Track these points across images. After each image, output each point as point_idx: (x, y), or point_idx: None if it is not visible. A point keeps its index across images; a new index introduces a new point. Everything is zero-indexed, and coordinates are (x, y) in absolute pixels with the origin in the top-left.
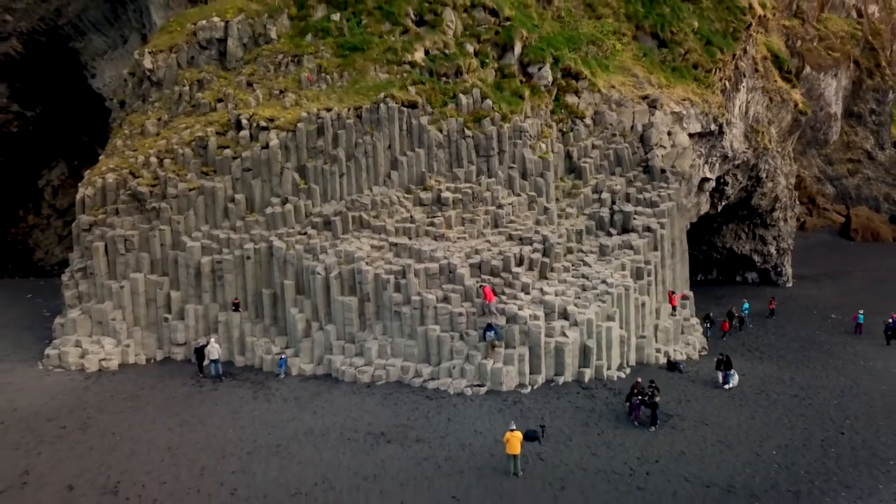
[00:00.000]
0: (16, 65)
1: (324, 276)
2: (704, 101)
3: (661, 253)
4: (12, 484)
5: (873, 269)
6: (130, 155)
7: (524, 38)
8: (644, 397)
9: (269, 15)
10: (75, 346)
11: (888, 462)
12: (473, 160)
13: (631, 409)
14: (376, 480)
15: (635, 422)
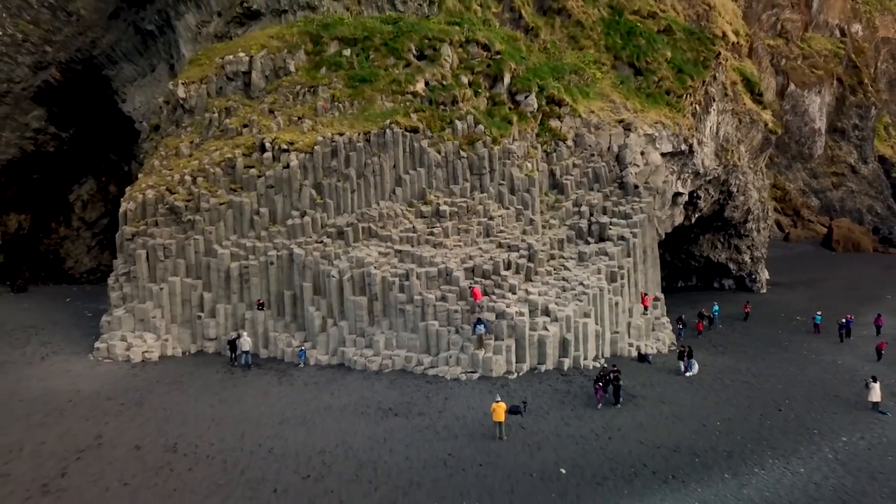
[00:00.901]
0: (54, 91)
1: (337, 279)
2: (675, 124)
3: (633, 259)
4: (91, 444)
5: (847, 277)
6: (167, 174)
7: (512, 69)
8: (605, 382)
9: (288, 51)
10: (121, 340)
11: (812, 432)
12: (468, 178)
13: (596, 392)
14: (386, 443)
15: (599, 404)
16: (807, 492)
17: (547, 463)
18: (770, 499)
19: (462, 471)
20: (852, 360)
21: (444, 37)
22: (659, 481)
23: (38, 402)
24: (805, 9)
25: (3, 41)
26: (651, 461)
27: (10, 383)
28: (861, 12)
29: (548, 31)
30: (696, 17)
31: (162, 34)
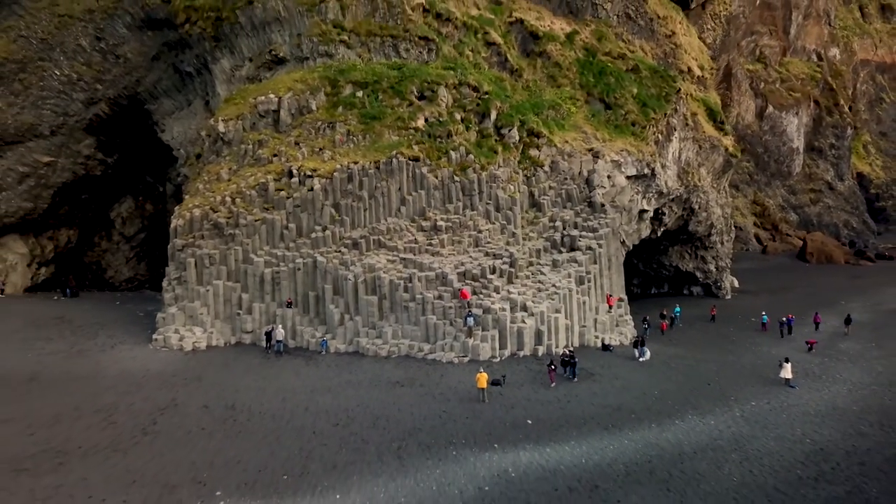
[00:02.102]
0: (103, 123)
1: (353, 282)
2: (639, 151)
3: (598, 266)
4: (169, 405)
5: (812, 286)
6: (210, 195)
7: (498, 107)
8: (563, 363)
9: (310, 92)
10: (175, 332)
11: (730, 399)
12: (460, 198)
13: (551, 370)
14: (394, 404)
15: (552, 383)
16: (710, 436)
17: (518, 417)
18: (682, 440)
19: (453, 421)
20: (788, 351)
21: (441, 80)
22: (601, 429)
23: (118, 377)
24: (783, 35)
25: (60, 80)
26: (597, 416)
27: (92, 365)
28: (839, 37)
29: (530, 71)
30: (663, 55)
31: (199, 75)
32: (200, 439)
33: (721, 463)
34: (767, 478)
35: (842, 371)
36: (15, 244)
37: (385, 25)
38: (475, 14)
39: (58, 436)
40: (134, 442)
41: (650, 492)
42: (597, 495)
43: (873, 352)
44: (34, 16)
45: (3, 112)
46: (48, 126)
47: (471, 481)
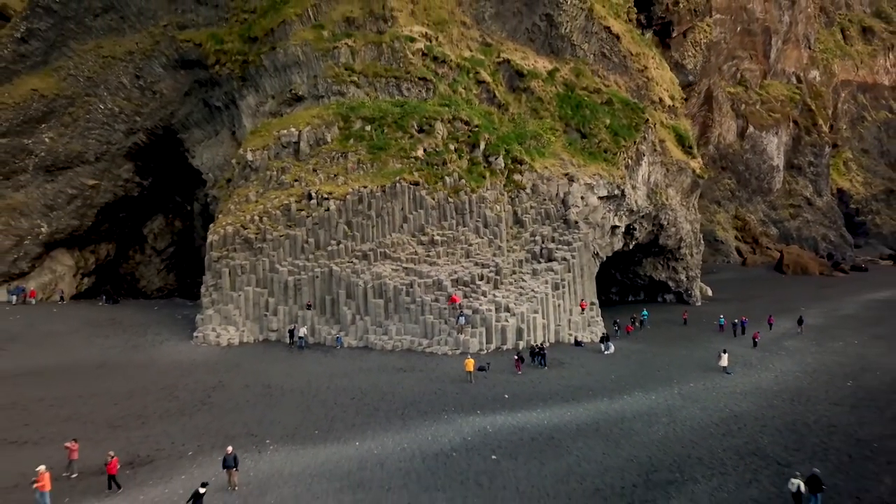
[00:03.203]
0: (140, 150)
1: (363, 287)
2: (610, 175)
3: (572, 274)
4: (216, 385)
5: (780, 294)
6: (241, 214)
7: (486, 138)
8: (532, 354)
9: (326, 126)
10: (212, 330)
11: (673, 381)
12: (454, 217)
13: (518, 362)
14: (399, 384)
15: (519, 371)
16: (649, 406)
17: (498, 393)
18: (625, 409)
19: (445, 396)
20: (737, 347)
21: (437, 116)
22: (562, 401)
23: (170, 365)
24: (763, 59)
25: (104, 113)
26: (561, 392)
27: (146, 356)
28: (819, 60)
29: (515, 105)
30: (636, 88)
31: (227, 109)
32: (247, 408)
33: (652, 423)
34: (686, 433)
35: (776, 362)
36: (63, 257)
37: (389, 68)
38: (468, 56)
39: (136, 405)
40: (196, 409)
41: (594, 441)
42: (552, 443)
43: (811, 348)
44: (81, 57)
45: (54, 141)
46: (93, 153)
47: (457, 434)
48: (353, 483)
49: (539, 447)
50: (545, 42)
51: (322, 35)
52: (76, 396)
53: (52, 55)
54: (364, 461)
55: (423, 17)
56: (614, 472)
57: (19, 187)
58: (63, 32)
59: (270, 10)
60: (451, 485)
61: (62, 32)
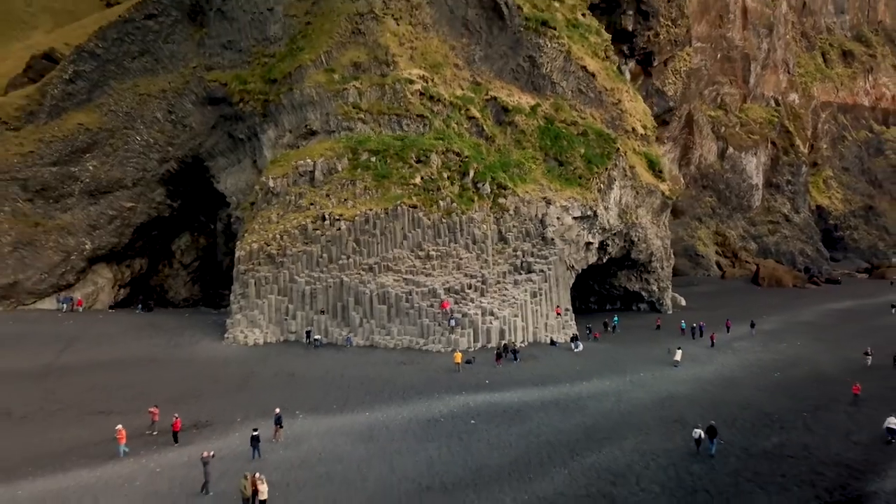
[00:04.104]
0: (172, 176)
1: (369, 295)
2: (584, 198)
3: (548, 284)
4: (249, 374)
5: (748, 304)
6: (264, 233)
7: (475, 167)
8: (507, 350)
9: (337, 157)
10: (241, 332)
11: (627, 372)
12: (447, 235)
13: (497, 357)
14: (400, 374)
15: (499, 364)
16: (602, 389)
17: (480, 380)
18: (582, 391)
19: (437, 382)
20: (693, 347)
21: (433, 148)
22: (532, 385)
23: (208, 359)
24: (743, 84)
25: (140, 144)
26: (531, 379)
27: (187, 353)
28: (798, 83)
29: (501, 137)
30: (611, 119)
31: (249, 140)
32: (277, 390)
33: (601, 401)
34: (627, 408)
35: (721, 358)
36: (103, 271)
37: (391, 106)
38: (459, 94)
39: (188, 387)
40: (237, 390)
41: (552, 412)
42: (519, 413)
43: (756, 347)
44: (120, 94)
45: (97, 169)
46: (131, 179)
47: (445, 407)
48: (365, 438)
49: (508, 416)
50: (528, 80)
51: (333, 78)
52: (139, 381)
53: (95, 93)
54: (373, 425)
55: (420, 61)
56: (564, 432)
57: (67, 209)
58: (105, 73)
59: (288, 55)
60: (438, 438)
61: (104, 73)
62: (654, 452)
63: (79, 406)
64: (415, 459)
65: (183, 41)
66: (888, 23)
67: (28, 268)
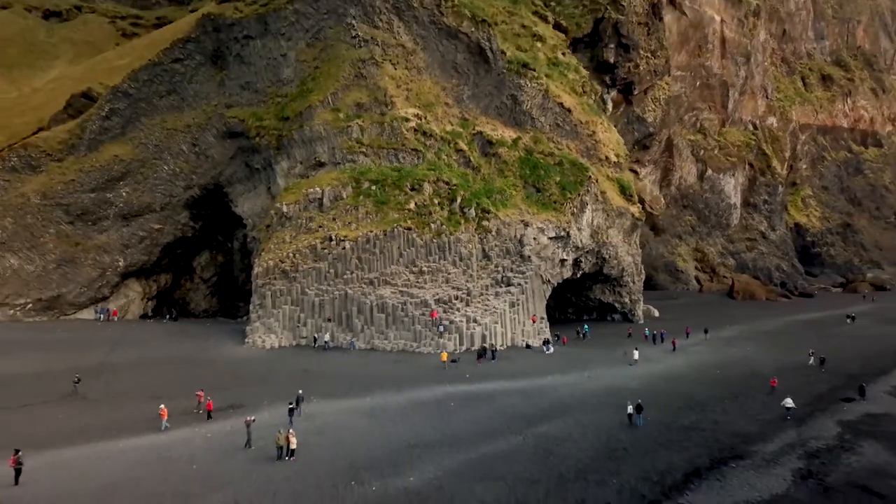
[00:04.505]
0: (195, 201)
1: (370, 305)
2: (558, 220)
3: (525, 296)
4: (270, 370)
5: (715, 315)
6: (278, 252)
7: (462, 194)
8: (485, 352)
9: (342, 186)
10: (259, 338)
11: (587, 369)
12: (437, 253)
13: (478, 357)
14: (396, 370)
15: (479, 362)
16: (562, 382)
17: (462, 374)
18: (545, 383)
19: (426, 376)
20: (653, 351)
21: (425, 178)
22: (504, 378)
23: (232, 360)
24: (722, 109)
25: (168, 173)
26: (505, 374)
27: (214, 355)
28: (776, 107)
29: (486, 167)
30: (586, 149)
31: (264, 170)
32: (294, 382)
33: (559, 390)
34: (579, 395)
35: (673, 359)
36: (133, 285)
37: (389, 141)
38: (449, 129)
39: (219, 379)
40: (259, 383)
41: (516, 398)
42: (490, 399)
43: (708, 351)
44: (150, 129)
45: (130, 195)
46: (159, 204)
47: (432, 395)
48: (366, 415)
49: (481, 400)
50: (511, 116)
51: (338, 116)
52: (176, 376)
53: (128, 128)
54: (372, 406)
55: (415, 101)
56: (524, 410)
57: (103, 231)
58: (136, 110)
59: (299, 96)
60: (424, 415)
61: (136, 110)
62: (594, 425)
63: (131, 394)
64: (404, 428)
65: (205, 82)
66: (867, 47)
67: (69, 282)
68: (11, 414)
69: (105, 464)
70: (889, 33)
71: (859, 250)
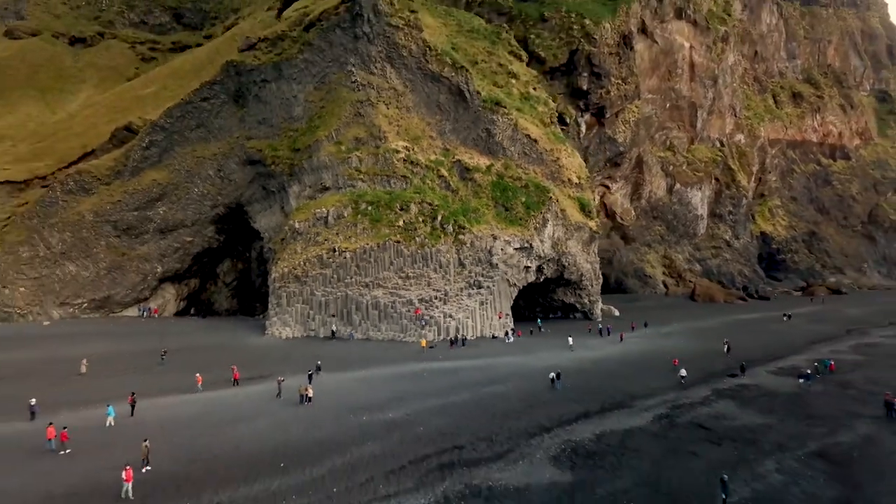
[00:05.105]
0: (220, 218)
1: (366, 303)
2: (523, 234)
3: (493, 297)
4: (286, 354)
5: (672, 314)
6: (292, 261)
7: (442, 213)
8: (456, 341)
9: (343, 206)
10: (277, 330)
11: (532, 353)
12: (421, 262)
13: (451, 344)
14: (386, 354)
15: (451, 348)
16: (513, 361)
17: (436, 356)
18: (499, 362)
19: (409, 357)
20: (598, 342)
21: (412, 200)
22: (467, 359)
23: (256, 347)
24: (690, 128)
25: (198, 195)
26: (470, 356)
27: (241, 343)
28: (744, 125)
29: (463, 189)
30: (550, 173)
31: (278, 192)
32: (307, 362)
33: (508, 366)
34: (522, 370)
35: (608, 347)
36: (168, 288)
37: (383, 169)
38: (433, 158)
39: (249, 359)
40: (280, 362)
41: (475, 371)
42: (455, 372)
43: (642, 341)
44: (182, 157)
45: (166, 213)
46: (190, 220)
47: (410, 370)
48: (362, 382)
49: (447, 373)
50: (485, 146)
51: (341, 149)
52: (213, 357)
53: (164, 156)
54: (367, 376)
55: (404, 135)
56: (478, 379)
57: (144, 243)
58: (171, 142)
59: (307, 131)
60: (405, 381)
61: (170, 142)
62: (526, 388)
63: (178, 368)
64: (388, 389)
65: (229, 117)
66: (837, 65)
67: (117, 285)
68: (116, 378)
69: (185, 406)
70: (859, 52)
71: (823, 257)
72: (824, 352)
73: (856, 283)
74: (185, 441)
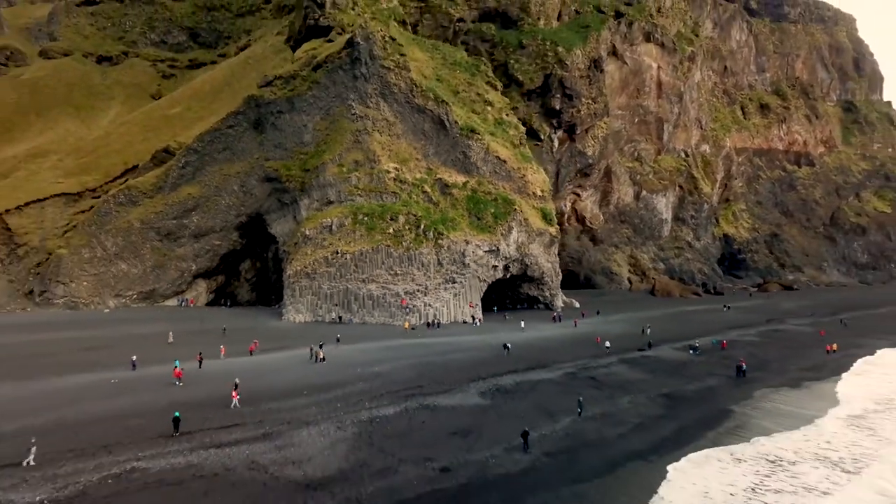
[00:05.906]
0: (243, 225)
1: (363, 295)
2: (492, 239)
3: (465, 290)
4: (301, 333)
5: (626, 306)
6: (303, 261)
7: (424, 223)
8: (432, 324)
9: (345, 217)
10: (291, 315)
11: (493, 333)
12: (407, 262)
13: (427, 326)
14: (380, 333)
15: (428, 330)
16: (475, 338)
17: (417, 335)
18: (463, 340)
19: (396, 335)
20: (550, 326)
21: (400, 212)
22: (441, 336)
23: (276, 329)
24: (657, 140)
25: (224, 206)
26: (442, 335)
27: (264, 326)
28: (709, 136)
29: (443, 202)
30: (517, 188)
31: (291, 204)
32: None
33: (471, 342)
34: (480, 343)
35: (558, 329)
36: (200, 283)
37: (376, 186)
38: (418, 177)
39: (272, 337)
40: (297, 338)
41: (445, 345)
42: (429, 346)
43: (585, 327)
44: (212, 175)
45: (199, 221)
46: (219, 227)
47: (396, 343)
48: (359, 351)
49: (423, 346)
50: (462, 166)
51: (342, 169)
52: (242, 335)
53: (197, 174)
54: (363, 348)
55: (395, 158)
56: (445, 349)
57: (181, 246)
58: (203, 161)
59: (315, 155)
60: (391, 351)
61: (202, 162)
62: (479, 356)
63: (215, 342)
64: (377, 355)
65: (250, 142)
66: (805, 78)
67: (160, 281)
68: (184, 347)
69: (238, 364)
70: (826, 65)
71: (783, 256)
72: (733, 335)
73: (814, 281)
74: (249, 380)
